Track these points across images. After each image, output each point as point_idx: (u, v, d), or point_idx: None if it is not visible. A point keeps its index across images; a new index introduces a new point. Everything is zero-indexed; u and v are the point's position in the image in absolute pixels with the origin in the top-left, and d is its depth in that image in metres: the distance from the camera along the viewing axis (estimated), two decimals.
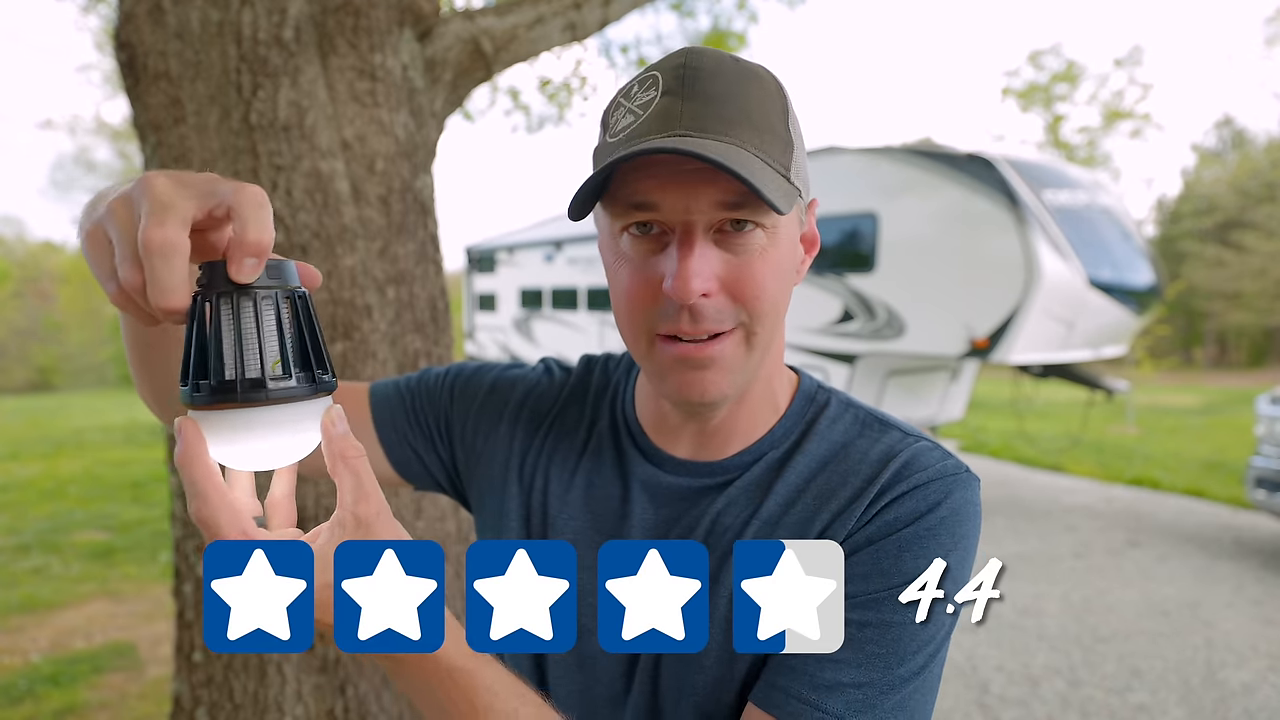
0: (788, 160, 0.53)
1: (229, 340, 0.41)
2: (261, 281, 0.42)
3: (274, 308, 0.42)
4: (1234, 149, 29.64)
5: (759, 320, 0.54)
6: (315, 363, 0.44)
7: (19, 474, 8.21)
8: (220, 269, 0.41)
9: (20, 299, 32.06)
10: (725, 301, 0.53)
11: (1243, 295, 23.30)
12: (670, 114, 0.51)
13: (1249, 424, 8.86)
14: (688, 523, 0.62)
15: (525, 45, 2.01)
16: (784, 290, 0.55)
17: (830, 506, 0.58)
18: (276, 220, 1.59)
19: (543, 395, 0.73)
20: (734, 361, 0.55)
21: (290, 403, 0.42)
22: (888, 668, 0.52)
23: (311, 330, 0.44)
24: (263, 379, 0.41)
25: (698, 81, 0.52)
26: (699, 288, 0.51)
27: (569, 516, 0.65)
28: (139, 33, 1.60)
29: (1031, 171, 5.67)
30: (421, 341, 1.84)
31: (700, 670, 0.58)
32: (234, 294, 0.41)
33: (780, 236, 0.54)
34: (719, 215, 0.51)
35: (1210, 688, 3.25)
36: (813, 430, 0.62)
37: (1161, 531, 5.61)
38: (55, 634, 3.81)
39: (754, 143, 0.51)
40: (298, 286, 0.44)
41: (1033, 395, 9.25)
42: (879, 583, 0.54)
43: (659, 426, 0.65)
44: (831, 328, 6.55)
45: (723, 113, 0.51)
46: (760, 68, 0.56)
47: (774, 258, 0.54)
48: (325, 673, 1.68)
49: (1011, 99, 19.74)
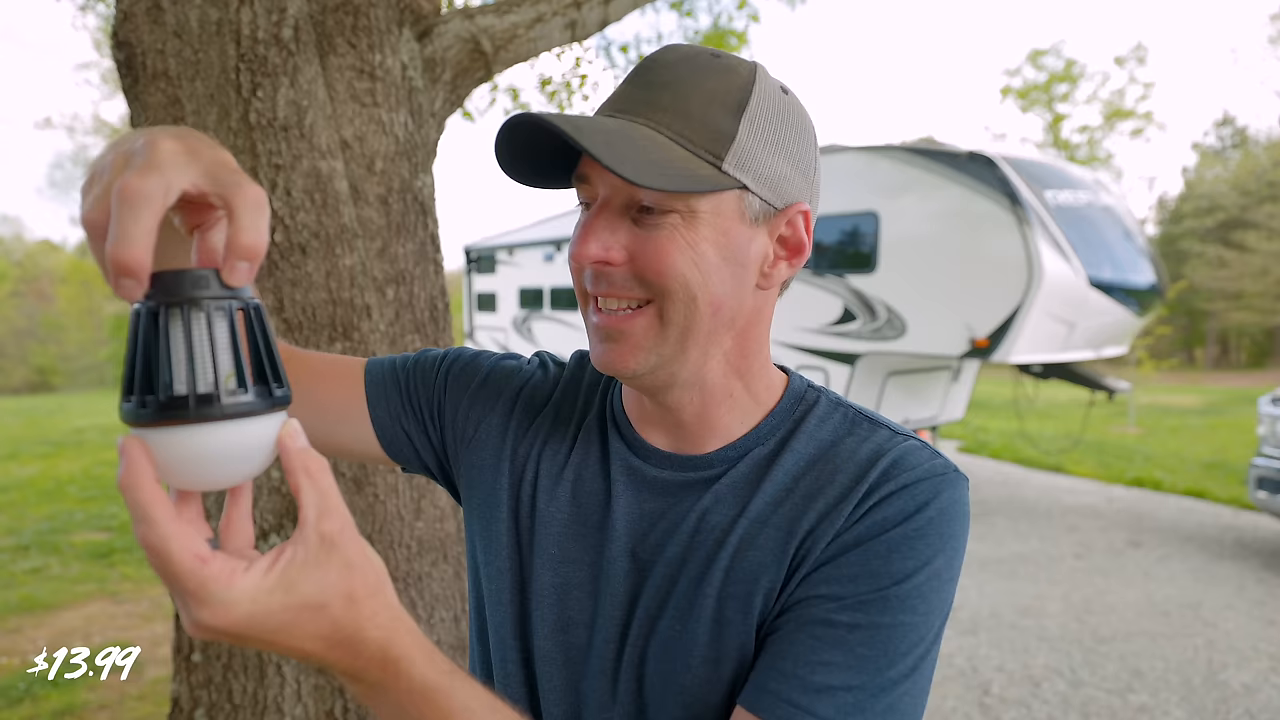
0: (721, 150, 0.53)
1: (179, 353, 0.39)
2: (214, 292, 0.40)
3: (227, 319, 0.40)
4: (1236, 148, 29.62)
5: (667, 299, 0.55)
6: (271, 376, 0.42)
7: (18, 474, 8.21)
8: (169, 280, 0.39)
9: (19, 299, 32.07)
10: (629, 274, 0.55)
11: (1244, 295, 23.30)
12: (615, 98, 0.56)
13: (1250, 424, 8.86)
14: (673, 518, 0.62)
15: (525, 45, 2.01)
16: (705, 280, 0.55)
17: (817, 506, 0.58)
18: (276, 220, 1.59)
19: (537, 388, 0.73)
20: (645, 339, 0.56)
21: (245, 418, 0.40)
22: (878, 670, 0.52)
23: (266, 343, 0.42)
24: (216, 394, 0.39)
25: (651, 71, 0.56)
26: (595, 251, 0.54)
27: (556, 509, 0.65)
28: (137, 31, 1.60)
29: (1032, 171, 5.66)
30: (421, 341, 1.84)
31: (687, 670, 0.57)
32: (184, 305, 0.39)
33: (702, 223, 0.54)
34: (631, 194, 0.54)
35: (1211, 688, 3.24)
36: (801, 429, 0.62)
37: (1163, 532, 5.60)
38: (55, 634, 3.80)
39: (674, 127, 0.53)
40: (251, 298, 0.42)
41: (1034, 395, 9.24)
42: (868, 584, 0.53)
43: (640, 417, 0.66)
44: (832, 328, 6.54)
45: (656, 99, 0.54)
46: (737, 65, 0.56)
47: (689, 241, 0.54)
48: (325, 673, 1.68)
49: (1011, 99, 19.73)
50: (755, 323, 0.61)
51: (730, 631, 0.57)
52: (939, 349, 5.82)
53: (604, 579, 0.62)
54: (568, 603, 0.63)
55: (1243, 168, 26.43)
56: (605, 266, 0.55)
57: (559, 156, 0.58)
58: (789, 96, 0.58)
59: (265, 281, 1.60)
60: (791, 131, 0.57)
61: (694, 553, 0.60)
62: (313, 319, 1.62)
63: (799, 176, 0.58)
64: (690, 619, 0.58)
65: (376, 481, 1.70)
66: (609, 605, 0.61)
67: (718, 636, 0.57)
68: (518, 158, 0.57)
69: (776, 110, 0.56)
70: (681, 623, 0.58)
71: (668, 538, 0.61)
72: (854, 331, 6.36)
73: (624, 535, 0.63)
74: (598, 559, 0.63)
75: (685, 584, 0.59)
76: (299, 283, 1.61)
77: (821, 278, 6.53)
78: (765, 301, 0.61)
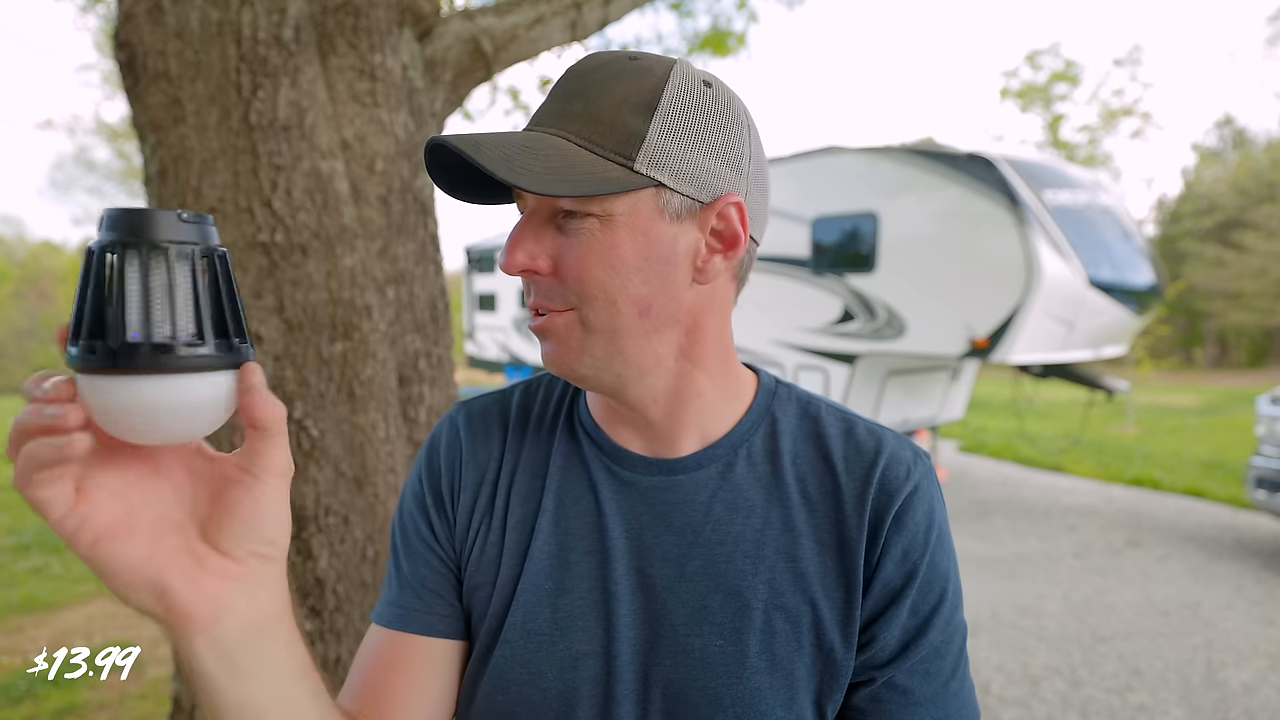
0: (631, 151, 0.54)
1: (134, 298, 0.36)
2: (179, 236, 0.37)
3: (189, 266, 0.38)
4: (1234, 148, 29.63)
5: (587, 303, 0.56)
6: (234, 330, 0.40)
7: None
8: (129, 218, 0.37)
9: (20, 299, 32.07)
10: (555, 282, 0.57)
11: (1243, 295, 23.31)
12: (537, 111, 0.58)
13: (1249, 424, 8.86)
14: (682, 530, 0.61)
15: (525, 45, 2.01)
16: (623, 281, 0.55)
17: (824, 507, 0.61)
18: (276, 220, 1.60)
19: (453, 458, 0.69)
20: (569, 339, 0.57)
21: (203, 372, 0.38)
22: (945, 683, 0.60)
23: (230, 294, 0.40)
24: (174, 344, 0.37)
25: (568, 81, 0.57)
26: (520, 261, 0.56)
27: (540, 543, 0.63)
28: (138, 32, 1.60)
29: (1031, 171, 5.67)
30: (421, 341, 1.84)
31: (739, 681, 0.57)
32: (142, 247, 0.36)
33: (618, 225, 0.55)
34: (551, 202, 0.56)
35: (1210, 688, 3.25)
36: (781, 426, 0.64)
37: (1161, 531, 5.60)
38: (56, 633, 3.81)
39: (582, 134, 0.54)
40: (218, 246, 0.40)
41: (1033, 395, 9.25)
42: (922, 642, 0.59)
43: (610, 423, 0.65)
44: (832, 328, 6.54)
45: (568, 108, 0.55)
46: (659, 63, 0.56)
47: (606, 244, 0.55)
48: (325, 672, 1.68)
49: (1011, 99, 19.73)
50: (704, 318, 0.60)
51: (779, 640, 0.58)
52: (938, 349, 5.83)
53: (615, 602, 0.60)
54: (572, 637, 0.61)
55: (1241, 168, 26.43)
56: (533, 275, 0.57)
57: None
58: (713, 90, 0.57)
59: (266, 281, 1.60)
60: (713, 125, 0.56)
61: (721, 566, 0.60)
62: (313, 319, 1.63)
63: (725, 168, 0.57)
64: (736, 633, 0.58)
65: (377, 481, 1.70)
66: (626, 628, 0.60)
67: (768, 646, 0.58)
68: (457, 180, 0.59)
69: (694, 105, 0.56)
70: (724, 637, 0.58)
71: (684, 553, 0.60)
72: (854, 331, 6.37)
73: (625, 553, 0.61)
74: (600, 584, 0.61)
75: (721, 599, 0.59)
76: (299, 283, 1.61)
77: (821, 278, 6.53)
78: (710, 296, 0.60)
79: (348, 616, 1.68)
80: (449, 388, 1.93)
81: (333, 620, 1.66)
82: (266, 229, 1.59)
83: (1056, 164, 6.50)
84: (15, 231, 37.62)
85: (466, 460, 0.68)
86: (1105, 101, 18.96)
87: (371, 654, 0.65)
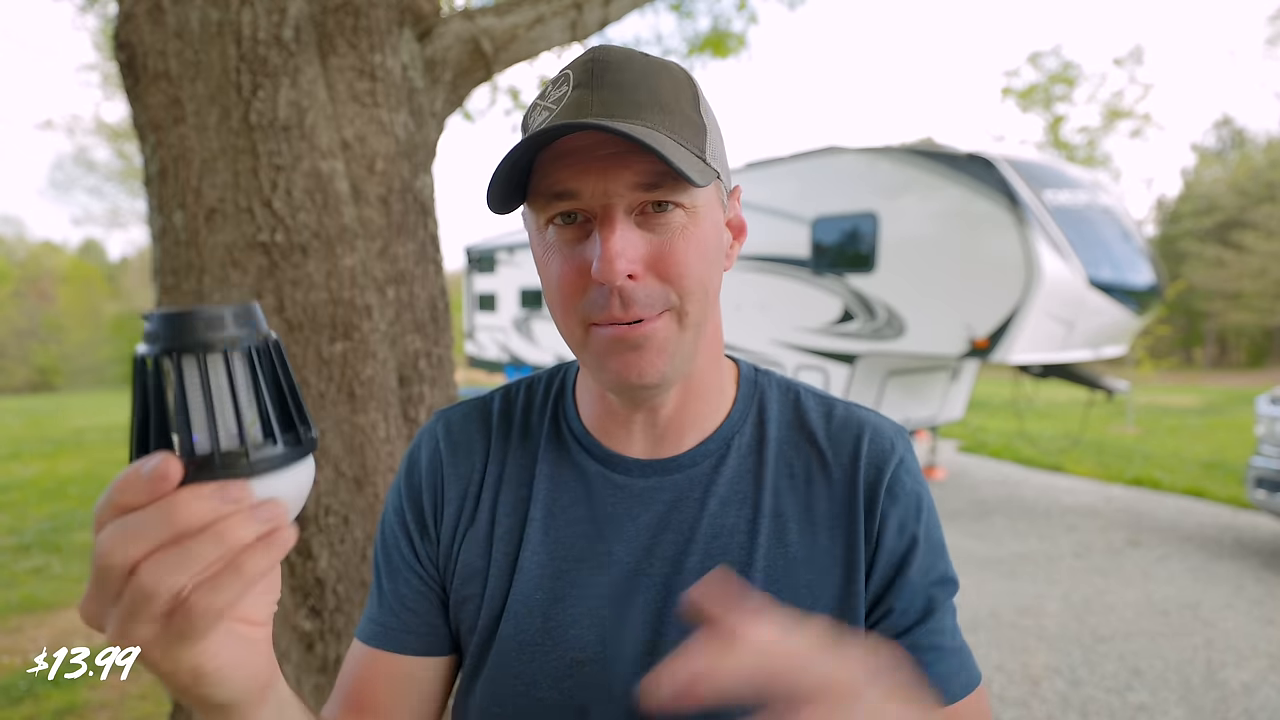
0: (701, 143, 0.54)
1: (197, 405, 0.35)
2: (230, 332, 0.35)
3: (246, 361, 0.36)
4: (1234, 149, 29.63)
5: (688, 299, 0.54)
6: (297, 418, 0.38)
7: (19, 474, 8.21)
8: (175, 320, 0.35)
9: (20, 299, 32.08)
10: (654, 283, 0.53)
11: (1243, 295, 23.31)
12: (582, 104, 0.52)
13: (1249, 424, 8.86)
14: (679, 528, 0.61)
15: (525, 45, 2.01)
16: (711, 271, 0.56)
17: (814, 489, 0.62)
18: (276, 220, 1.60)
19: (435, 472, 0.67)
20: (667, 341, 0.55)
21: (275, 472, 0.37)
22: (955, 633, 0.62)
23: (290, 382, 0.38)
24: (244, 449, 0.35)
25: (606, 73, 0.53)
26: (624, 268, 0.51)
27: (530, 554, 0.62)
28: (138, 32, 1.60)
29: (1031, 171, 5.67)
30: (421, 341, 1.84)
31: None
32: (199, 350, 0.35)
33: (701, 216, 0.55)
34: (638, 197, 0.52)
35: (1210, 687, 3.25)
36: (766, 413, 0.65)
37: (1161, 531, 5.60)
38: (56, 633, 3.81)
39: (665, 125, 0.52)
40: (269, 333, 0.38)
41: (1033, 395, 9.25)
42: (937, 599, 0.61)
43: (608, 429, 0.64)
44: (831, 328, 6.55)
45: (633, 98, 0.52)
46: (669, 63, 0.57)
47: (697, 236, 0.54)
48: (325, 673, 1.68)
49: (1011, 99, 19.73)
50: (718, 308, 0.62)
51: None
52: (938, 349, 5.83)
53: (613, 608, 0.60)
54: (566, 646, 0.60)
55: (1241, 168, 26.42)
56: (631, 283, 0.52)
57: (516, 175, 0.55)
58: None
59: (266, 281, 1.60)
60: (717, 120, 0.60)
61: (718, 559, 0.60)
62: (313, 319, 1.63)
63: (728, 161, 0.61)
64: None
65: (377, 481, 1.70)
66: (627, 632, 0.59)
67: None
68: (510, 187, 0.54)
69: (708, 102, 0.59)
70: None
71: (682, 550, 0.60)
72: (854, 331, 6.37)
73: (623, 558, 0.61)
74: (597, 591, 0.60)
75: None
76: (299, 283, 1.61)
77: (821, 278, 6.53)
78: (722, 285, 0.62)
79: (348, 616, 1.68)
80: (449, 388, 1.93)
81: (333, 620, 1.66)
82: (266, 229, 1.59)
83: (1056, 164, 6.50)
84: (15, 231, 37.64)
85: (448, 474, 0.66)
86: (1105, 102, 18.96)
87: (353, 670, 0.65)
